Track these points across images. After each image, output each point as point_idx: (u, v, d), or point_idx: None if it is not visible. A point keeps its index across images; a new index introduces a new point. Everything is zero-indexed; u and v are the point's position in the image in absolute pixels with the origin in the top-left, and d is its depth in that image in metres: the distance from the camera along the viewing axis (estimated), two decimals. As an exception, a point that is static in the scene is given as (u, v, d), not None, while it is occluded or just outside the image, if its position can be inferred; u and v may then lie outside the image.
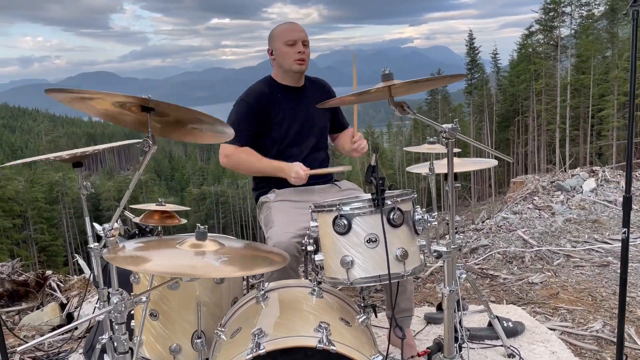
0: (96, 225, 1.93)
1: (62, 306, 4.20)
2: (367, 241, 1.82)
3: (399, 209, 1.84)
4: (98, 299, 2.30)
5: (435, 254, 1.91)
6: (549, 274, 4.10)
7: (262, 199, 2.95)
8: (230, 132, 1.85)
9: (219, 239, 1.95)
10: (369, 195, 2.14)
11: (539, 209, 6.42)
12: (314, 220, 2.00)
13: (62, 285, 4.35)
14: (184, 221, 2.27)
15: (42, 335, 3.72)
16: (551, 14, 42.97)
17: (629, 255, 2.83)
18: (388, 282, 1.79)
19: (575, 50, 41.96)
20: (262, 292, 2.03)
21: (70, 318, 4.04)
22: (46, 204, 50.63)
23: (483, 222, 8.23)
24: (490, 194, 44.81)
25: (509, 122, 48.55)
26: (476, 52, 52.06)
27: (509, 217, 6.13)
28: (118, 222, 1.99)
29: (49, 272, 4.54)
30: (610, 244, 4.71)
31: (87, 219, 2.29)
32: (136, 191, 63.62)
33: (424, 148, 2.55)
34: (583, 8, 42.19)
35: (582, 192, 7.62)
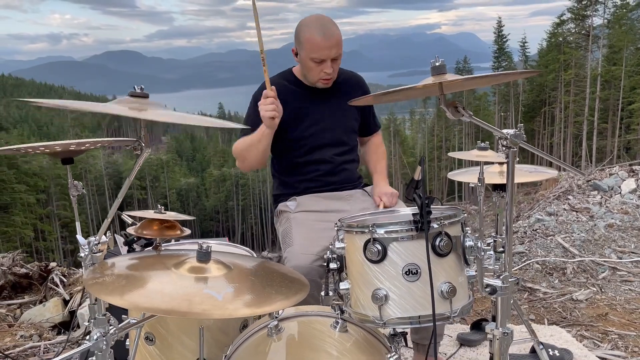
0: (80, 238, 1.61)
1: (66, 302, 3.95)
2: (406, 273, 1.47)
3: (447, 234, 1.49)
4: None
5: (488, 289, 1.56)
6: (594, 289, 3.71)
7: (280, 206, 2.53)
8: None
9: (224, 258, 1.62)
10: (408, 213, 1.82)
11: (576, 211, 5.99)
12: (339, 240, 1.65)
13: (66, 279, 4.08)
14: (187, 232, 1.94)
15: (40, 336, 3.47)
16: (584, 2, 41.71)
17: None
18: (432, 324, 1.45)
19: (607, 40, 40.80)
20: (275, 321, 1.70)
21: (73, 315, 3.79)
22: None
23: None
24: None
25: (535, 113, 47.47)
26: (504, 39, 50.95)
27: (544, 219, 5.71)
28: (107, 234, 1.67)
29: (53, 264, 4.27)
30: (660, 255, 4.30)
31: (78, 224, 1.98)
32: (157, 171, 63.99)
33: (473, 155, 2.12)
34: (617, -3, 40.87)
35: (620, 192, 7.17)
